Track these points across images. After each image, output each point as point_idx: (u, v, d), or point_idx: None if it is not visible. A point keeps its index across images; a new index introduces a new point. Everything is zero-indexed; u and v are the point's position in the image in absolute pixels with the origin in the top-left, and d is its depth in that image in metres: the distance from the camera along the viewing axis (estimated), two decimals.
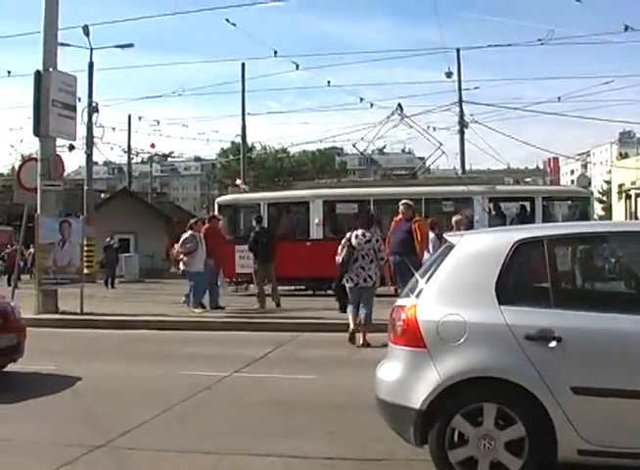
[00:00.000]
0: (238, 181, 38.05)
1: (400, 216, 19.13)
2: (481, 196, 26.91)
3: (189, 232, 20.78)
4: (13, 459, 7.56)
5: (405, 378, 6.37)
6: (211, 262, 20.86)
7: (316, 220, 28.13)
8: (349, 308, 15.19)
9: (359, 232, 15.13)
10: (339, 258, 15.17)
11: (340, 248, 15.26)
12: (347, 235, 15.36)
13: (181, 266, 20.82)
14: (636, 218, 26.35)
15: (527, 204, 27.01)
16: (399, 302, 6.86)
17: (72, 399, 10.40)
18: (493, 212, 27.52)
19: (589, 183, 26.46)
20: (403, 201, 19.70)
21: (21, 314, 12.45)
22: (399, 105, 33.70)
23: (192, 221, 21.89)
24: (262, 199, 29.47)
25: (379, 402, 6.68)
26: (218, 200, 31.48)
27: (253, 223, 22.94)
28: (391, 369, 6.58)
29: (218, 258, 21.57)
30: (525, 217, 26.07)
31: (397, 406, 6.37)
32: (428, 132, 37.36)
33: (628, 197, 44.11)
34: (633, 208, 39.64)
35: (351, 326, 14.90)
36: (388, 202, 26.29)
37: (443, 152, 32.36)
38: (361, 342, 14.63)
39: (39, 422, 9.06)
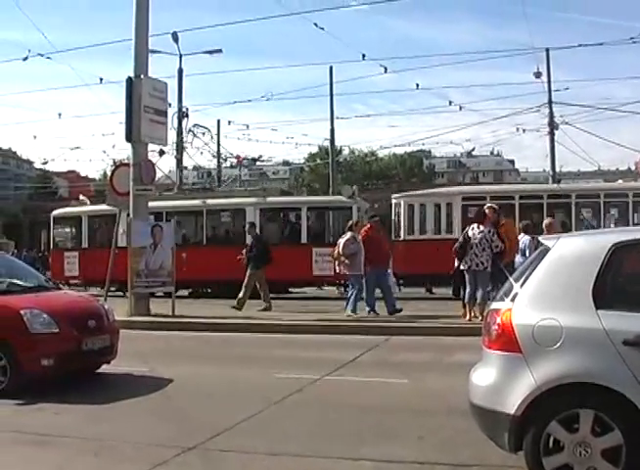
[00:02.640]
0: (81, 196, 39.87)
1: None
2: (253, 207, 30.20)
3: (349, 234, 20.18)
4: (106, 459, 7.69)
5: (500, 383, 6.30)
6: (379, 266, 19.97)
7: (121, 230, 30.06)
8: (467, 296, 18.06)
9: (475, 225, 18.28)
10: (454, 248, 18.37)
11: (461, 239, 18.37)
12: (466, 229, 18.63)
13: (344, 270, 20.10)
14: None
15: (295, 213, 29.84)
16: (494, 305, 6.78)
17: (164, 400, 10.53)
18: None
19: (353, 193, 29.04)
20: (488, 204, 19.75)
21: (114, 316, 12.66)
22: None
23: (351, 222, 21.37)
24: (83, 212, 33.61)
25: (472, 407, 6.61)
26: (53, 213, 34.99)
27: (247, 231, 24.26)
28: (486, 374, 6.51)
29: (385, 260, 20.48)
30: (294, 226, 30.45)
31: (492, 412, 6.30)
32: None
33: None
34: None
35: (467, 317, 17.87)
36: (179, 213, 30.75)
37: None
38: (467, 317, 17.87)
39: (131, 423, 9.20)
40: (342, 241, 20.14)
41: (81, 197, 39.29)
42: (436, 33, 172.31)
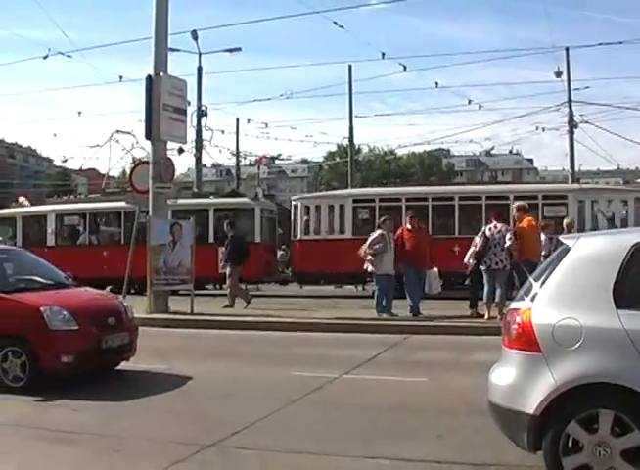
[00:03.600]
0: (21, 198, 41.75)
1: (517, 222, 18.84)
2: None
3: (377, 231, 19.79)
4: (126, 456, 7.73)
5: (519, 382, 6.29)
6: (417, 264, 19.16)
7: (49, 230, 34.15)
8: (486, 295, 18.06)
9: (492, 225, 18.24)
10: (474, 248, 18.30)
11: (476, 239, 18.39)
12: (483, 228, 18.58)
13: (368, 268, 19.52)
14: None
15: (203, 214, 31.90)
16: (514, 305, 6.78)
17: (183, 398, 10.53)
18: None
19: (256, 195, 31.69)
20: (517, 203, 19.74)
21: (133, 314, 12.70)
22: None
23: (380, 220, 20.84)
24: (17, 213, 35.92)
25: (492, 407, 6.61)
26: None
27: (225, 229, 24.85)
28: (505, 373, 6.50)
29: (420, 257, 19.24)
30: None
31: (511, 411, 6.29)
32: None
33: None
34: None
35: (486, 316, 17.92)
36: (102, 215, 34.73)
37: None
38: (487, 316, 17.91)
39: (150, 420, 9.24)
40: (370, 238, 19.70)
41: (20, 198, 40.85)
42: (456, 32, 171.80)
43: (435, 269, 19.43)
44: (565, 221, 19.56)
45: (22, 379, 10.77)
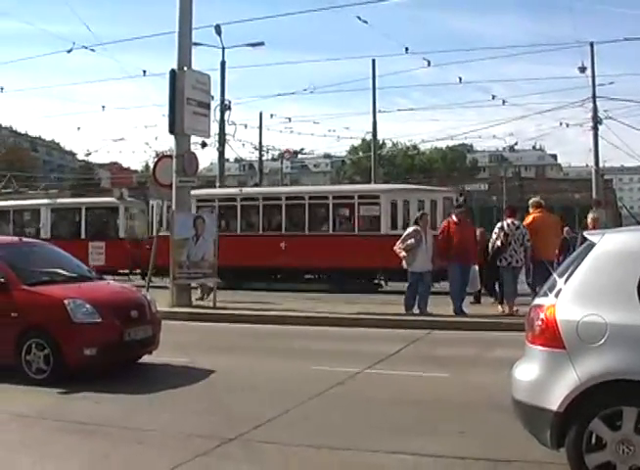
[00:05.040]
0: None
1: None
2: (46, 207, 35.53)
3: (412, 227, 18.91)
4: (148, 449, 7.77)
5: (543, 379, 6.25)
6: (462, 260, 18.42)
7: None
8: (506, 293, 18.03)
9: (509, 221, 17.92)
10: (496, 243, 17.84)
11: (494, 236, 18.03)
12: (499, 224, 18.18)
13: (403, 264, 18.67)
14: None
15: (76, 212, 35.47)
16: (537, 301, 6.73)
17: (205, 391, 10.57)
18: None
19: (121, 195, 34.84)
20: (535, 198, 19.65)
21: (156, 307, 12.72)
22: None
23: (417, 215, 19.89)
24: None
25: (515, 403, 6.58)
26: None
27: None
28: (529, 369, 6.47)
29: (466, 252, 18.39)
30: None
31: (534, 408, 6.26)
32: None
33: None
34: None
35: (506, 310, 17.74)
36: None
37: None
38: (503, 310, 17.91)
39: (173, 413, 9.27)
40: (404, 234, 18.98)
41: None
42: (480, 27, 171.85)
43: (476, 267, 19.21)
44: (590, 217, 19.34)
45: (44, 371, 10.83)
